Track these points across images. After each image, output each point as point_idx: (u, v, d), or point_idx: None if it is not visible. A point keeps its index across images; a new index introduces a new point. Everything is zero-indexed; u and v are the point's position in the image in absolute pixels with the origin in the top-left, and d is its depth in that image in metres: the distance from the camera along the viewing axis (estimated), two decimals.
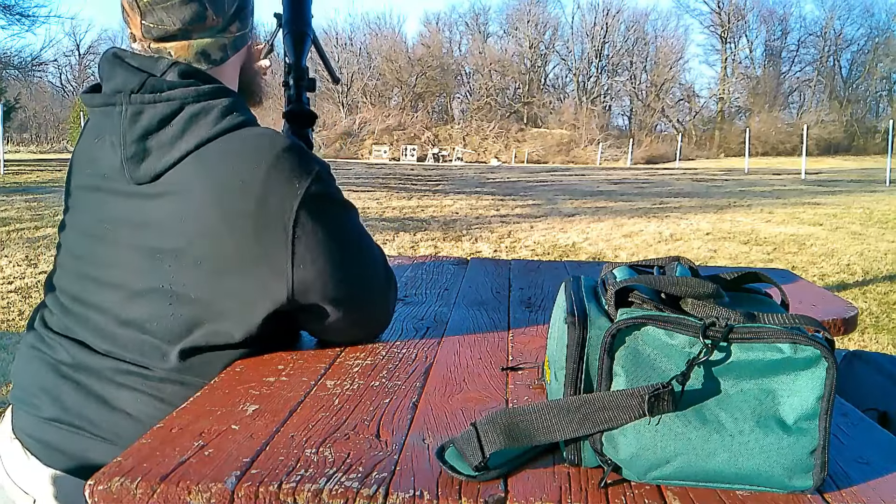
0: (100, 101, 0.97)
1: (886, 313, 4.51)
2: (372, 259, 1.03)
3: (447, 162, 40.82)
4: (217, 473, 0.64)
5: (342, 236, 0.97)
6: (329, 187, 0.96)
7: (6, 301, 4.47)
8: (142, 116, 0.93)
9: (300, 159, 0.93)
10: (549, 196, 13.66)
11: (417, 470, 0.66)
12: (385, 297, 1.07)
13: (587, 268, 1.79)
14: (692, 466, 0.62)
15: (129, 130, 0.93)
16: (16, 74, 31.67)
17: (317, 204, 0.93)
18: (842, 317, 1.31)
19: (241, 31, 1.04)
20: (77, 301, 1.00)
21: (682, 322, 0.63)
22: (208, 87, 0.96)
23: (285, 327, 1.04)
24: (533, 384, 0.90)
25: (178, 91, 0.94)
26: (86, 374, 0.95)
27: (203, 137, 0.92)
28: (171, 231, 0.91)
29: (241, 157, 0.91)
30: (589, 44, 54.88)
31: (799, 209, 10.97)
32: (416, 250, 6.78)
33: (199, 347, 0.94)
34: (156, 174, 0.92)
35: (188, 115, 0.93)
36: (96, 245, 0.98)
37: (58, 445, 0.94)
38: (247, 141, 0.93)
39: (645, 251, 7.10)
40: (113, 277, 0.96)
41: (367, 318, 1.06)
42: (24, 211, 9.05)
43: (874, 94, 52.91)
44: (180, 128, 0.92)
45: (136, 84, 0.94)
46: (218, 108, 0.94)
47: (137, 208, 0.94)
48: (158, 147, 0.92)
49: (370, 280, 1.03)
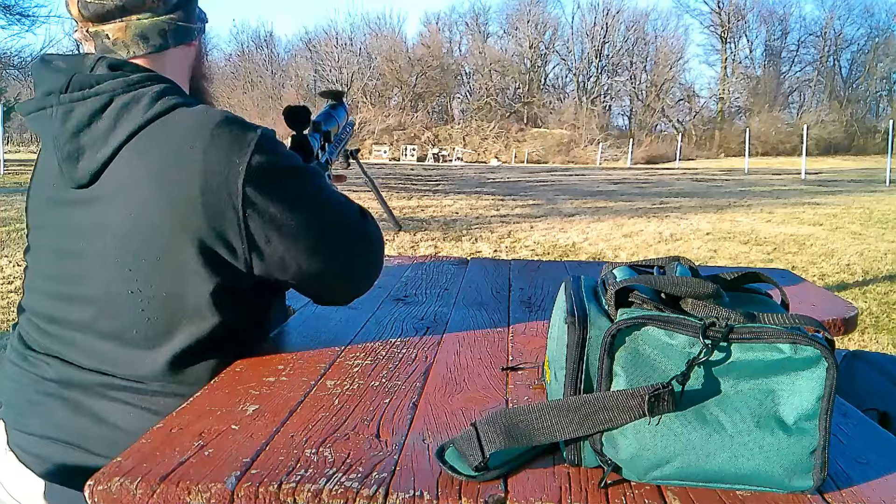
0: (32, 106, 0.94)
1: (886, 313, 4.51)
2: (338, 220, 0.98)
3: (447, 162, 40.82)
4: (217, 473, 0.64)
5: (299, 206, 0.92)
6: (273, 155, 0.91)
7: (6, 301, 4.47)
8: (72, 115, 0.90)
9: (237, 131, 0.89)
10: (549, 196, 13.66)
11: (417, 470, 0.66)
12: (366, 251, 1.03)
13: (587, 268, 1.79)
14: (692, 467, 0.62)
15: (62, 130, 0.90)
16: (16, 74, 31.61)
17: (263, 176, 0.88)
18: (842, 317, 1.31)
19: (184, 21, 1.00)
20: (53, 322, 0.97)
21: (682, 322, 0.63)
22: (137, 76, 0.93)
23: (267, 304, 1.02)
24: (533, 384, 0.90)
25: (107, 84, 0.91)
26: (74, 390, 0.93)
27: (135, 125, 0.89)
28: (124, 232, 0.89)
29: (175, 140, 0.88)
30: (589, 44, 54.92)
31: (799, 209, 10.97)
32: (416, 250, 6.78)
33: (185, 351, 0.92)
34: (93, 172, 0.90)
35: (118, 106, 0.90)
36: (62, 261, 0.95)
37: (53, 460, 0.93)
38: (180, 122, 0.90)
39: (645, 251, 7.10)
40: (84, 292, 0.93)
41: (350, 279, 1.04)
42: (24, 211, 9.04)
43: (874, 94, 52.95)
44: (111, 120, 0.89)
45: (63, 83, 0.91)
46: (148, 95, 0.91)
47: (89, 215, 0.91)
48: (92, 143, 0.90)
49: (342, 242, 0.98)
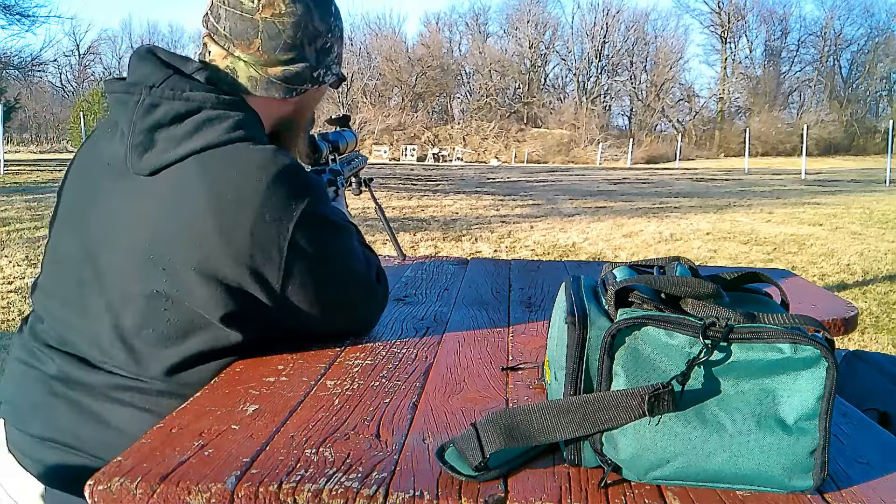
0: (119, 87, 0.96)
1: (886, 313, 4.51)
2: (354, 281, 1.05)
3: (447, 162, 40.80)
4: (217, 473, 0.64)
5: (331, 259, 0.98)
6: (325, 208, 0.98)
7: (6, 301, 4.47)
8: (157, 109, 0.93)
9: (299, 178, 0.94)
10: (549, 196, 13.66)
11: (417, 470, 0.66)
12: (365, 309, 1.11)
13: (587, 268, 1.79)
14: (692, 466, 0.62)
15: (141, 120, 0.93)
16: (16, 74, 31.67)
17: (311, 225, 0.94)
18: (842, 317, 1.31)
19: (285, 80, 1.02)
20: (67, 307, 0.97)
21: (682, 322, 0.63)
22: (230, 98, 0.96)
23: (278, 333, 1.03)
24: (533, 384, 0.90)
25: (200, 94, 0.94)
26: (80, 390, 0.93)
27: (210, 142, 0.91)
28: (168, 233, 0.90)
29: (242, 169, 0.91)
30: (589, 44, 54.91)
31: (799, 209, 10.97)
32: (416, 250, 6.78)
33: (193, 356, 0.93)
34: (156, 168, 0.92)
35: (203, 118, 0.92)
36: (90, 247, 0.96)
37: (52, 464, 0.93)
38: (251, 154, 0.93)
39: (645, 251, 7.09)
40: (107, 281, 0.94)
41: (342, 327, 1.10)
42: (24, 211, 9.04)
43: (874, 94, 52.94)
44: (192, 128, 0.92)
45: (159, 78, 0.94)
46: (233, 119, 0.94)
47: (133, 203, 0.93)
48: (165, 141, 0.92)
49: (350, 299, 1.06)
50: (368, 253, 1.11)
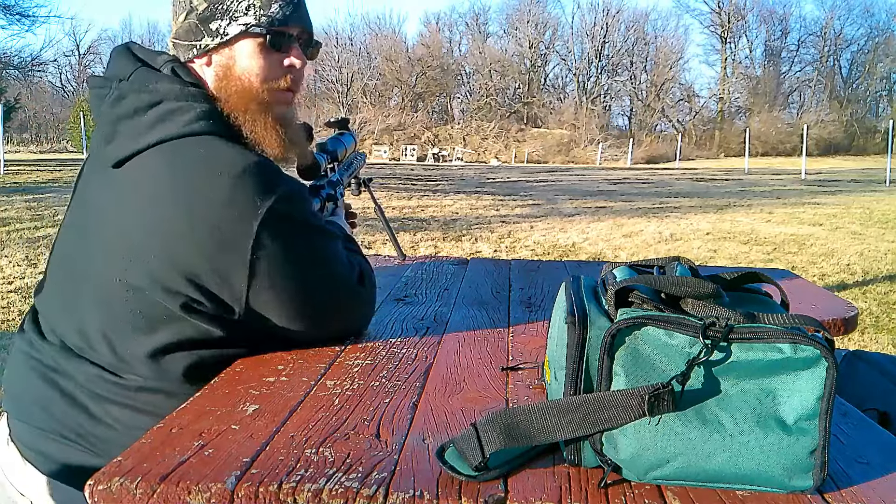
0: (96, 83, 1.00)
1: (886, 313, 4.51)
2: (333, 285, 1.01)
3: (447, 162, 40.79)
4: (217, 473, 0.64)
5: (303, 261, 0.95)
6: (295, 208, 0.94)
7: (6, 301, 4.47)
8: (122, 102, 0.95)
9: (266, 177, 0.92)
10: (549, 196, 13.66)
11: (417, 470, 0.66)
12: (348, 313, 1.07)
13: (587, 268, 1.80)
14: (692, 466, 0.62)
15: (108, 112, 0.96)
16: (16, 74, 31.69)
17: (279, 224, 0.91)
18: (842, 317, 1.31)
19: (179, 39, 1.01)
20: (61, 298, 1.00)
21: (682, 322, 0.63)
22: (195, 90, 0.96)
23: (255, 333, 1.02)
24: (533, 384, 0.90)
25: (165, 86, 0.95)
26: (67, 379, 0.95)
27: (171, 133, 0.92)
28: (127, 222, 0.92)
29: (207, 163, 0.90)
30: (589, 44, 54.90)
31: (799, 209, 10.97)
32: (416, 250, 6.78)
33: (161, 348, 0.93)
34: (119, 159, 0.93)
35: (165, 110, 0.93)
36: (76, 237, 1.00)
37: (53, 456, 0.94)
38: (217, 149, 0.92)
39: (645, 251, 7.10)
40: (87, 271, 0.96)
41: (329, 332, 1.06)
42: (24, 211, 9.04)
43: (874, 94, 52.92)
44: (154, 119, 0.93)
45: (128, 72, 0.97)
46: (196, 111, 0.94)
47: (104, 194, 0.96)
48: (127, 132, 0.93)
49: (332, 303, 1.02)
50: (353, 256, 1.09)
